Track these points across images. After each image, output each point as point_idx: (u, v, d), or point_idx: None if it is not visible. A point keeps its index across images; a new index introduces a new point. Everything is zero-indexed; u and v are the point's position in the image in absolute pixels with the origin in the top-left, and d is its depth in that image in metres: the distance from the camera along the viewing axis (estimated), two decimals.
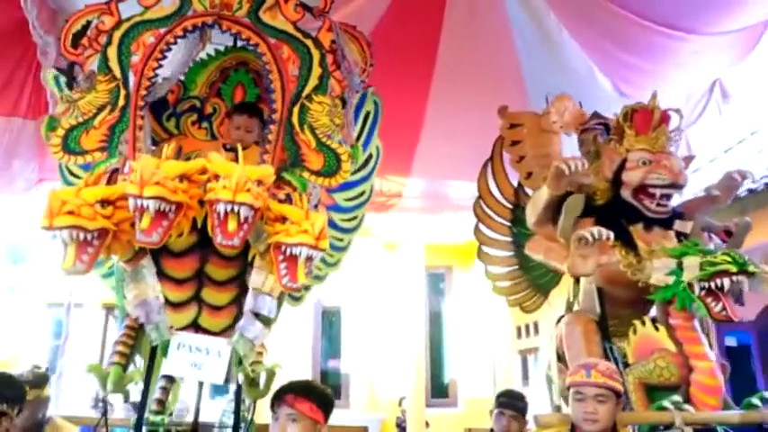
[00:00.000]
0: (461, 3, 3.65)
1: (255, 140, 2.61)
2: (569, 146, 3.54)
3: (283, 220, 2.09)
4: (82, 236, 1.83)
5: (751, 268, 2.37)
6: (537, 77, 4.07)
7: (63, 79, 2.37)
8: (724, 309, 2.38)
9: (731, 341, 7.10)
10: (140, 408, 2.20)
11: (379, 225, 6.66)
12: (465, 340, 8.25)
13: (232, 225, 1.93)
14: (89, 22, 2.42)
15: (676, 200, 3.32)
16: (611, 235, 2.54)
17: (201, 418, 2.64)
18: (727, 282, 2.34)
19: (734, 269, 2.34)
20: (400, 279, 7.54)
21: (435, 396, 7.93)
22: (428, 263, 7.67)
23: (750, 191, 5.58)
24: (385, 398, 7.73)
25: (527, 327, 7.72)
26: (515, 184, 3.50)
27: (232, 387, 2.38)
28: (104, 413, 2.11)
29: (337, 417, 2.11)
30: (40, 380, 2.07)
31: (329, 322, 8.09)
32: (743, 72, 4.74)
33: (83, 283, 4.86)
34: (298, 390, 1.96)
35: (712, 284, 2.37)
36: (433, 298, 8.32)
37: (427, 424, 6.92)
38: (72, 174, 2.48)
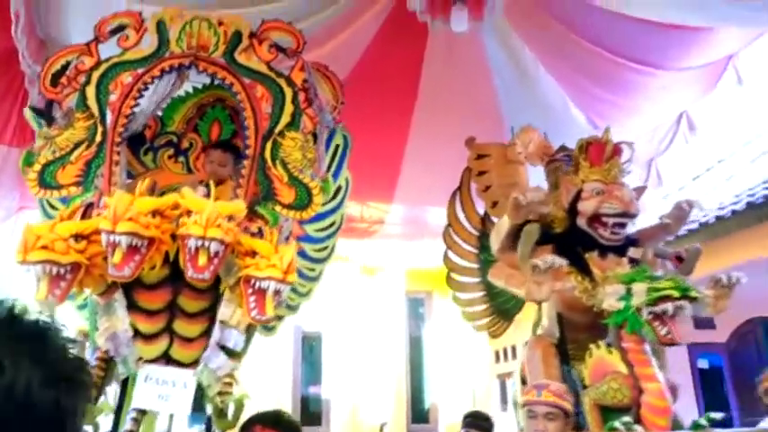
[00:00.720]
0: (441, 40, 3.77)
1: (229, 174, 2.70)
2: (537, 176, 3.67)
3: (253, 254, 2.17)
4: (55, 270, 1.89)
5: (693, 293, 2.48)
6: (514, 111, 4.21)
7: (40, 118, 2.44)
8: (669, 332, 2.46)
9: (703, 363, 7.23)
10: None
11: (361, 251, 6.75)
12: (445, 365, 8.28)
13: (203, 259, 2.01)
14: (68, 62, 2.51)
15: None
16: (564, 263, 2.66)
17: None
18: (670, 306, 2.44)
19: (676, 294, 2.44)
20: (381, 304, 7.59)
21: (416, 421, 7.92)
22: (408, 288, 7.75)
23: (717, 218, 5.77)
24: (366, 423, 7.70)
25: (505, 351, 7.79)
26: (482, 212, 3.61)
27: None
28: None
29: None
30: None
31: (310, 348, 8.07)
32: (708, 104, 4.95)
33: (59, 310, 4.85)
34: (265, 421, 2.01)
35: (658, 309, 2.46)
36: (413, 323, 8.36)
37: None
38: (51, 206, 2.54)
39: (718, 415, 2.54)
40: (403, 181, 5.31)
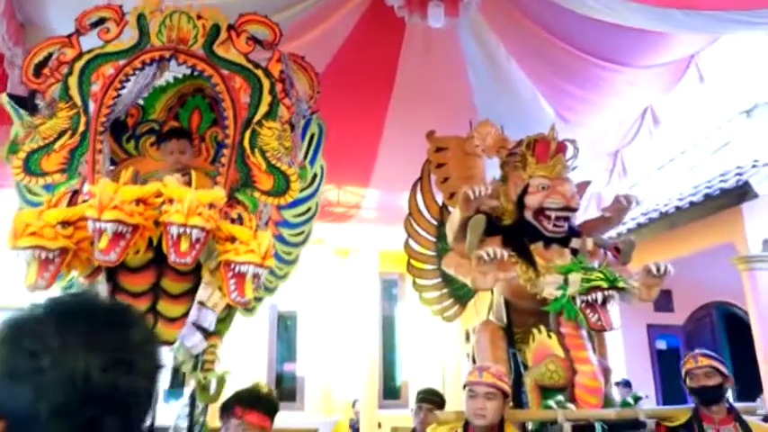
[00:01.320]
0: (418, 34, 3.87)
1: (190, 159, 2.79)
2: (496, 169, 3.83)
3: (233, 239, 2.30)
4: (44, 255, 2.01)
5: (620, 284, 2.71)
6: (487, 104, 4.35)
7: (17, 106, 2.52)
8: (599, 319, 2.69)
9: (661, 344, 7.61)
10: None
11: (336, 234, 6.90)
12: (416, 344, 8.54)
13: (184, 245, 2.14)
14: (51, 54, 2.58)
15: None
16: (506, 254, 2.84)
17: (157, 422, 2.82)
18: (600, 295, 2.66)
19: (605, 285, 2.67)
20: (355, 285, 7.78)
21: (388, 398, 8.19)
22: (382, 269, 7.95)
23: (677, 208, 6.07)
24: (339, 400, 7.95)
25: (474, 331, 8.08)
26: (441, 203, 3.78)
27: (186, 391, 2.56)
28: None
29: (292, 419, 2.31)
30: None
31: (285, 326, 8.25)
32: (672, 100, 5.18)
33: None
34: (245, 401, 2.16)
35: (589, 298, 2.68)
36: (386, 303, 8.59)
37: (380, 425, 7.17)
38: (30, 192, 2.62)
39: (642, 394, 2.79)
40: (379, 167, 5.45)
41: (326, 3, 3.62)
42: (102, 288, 2.28)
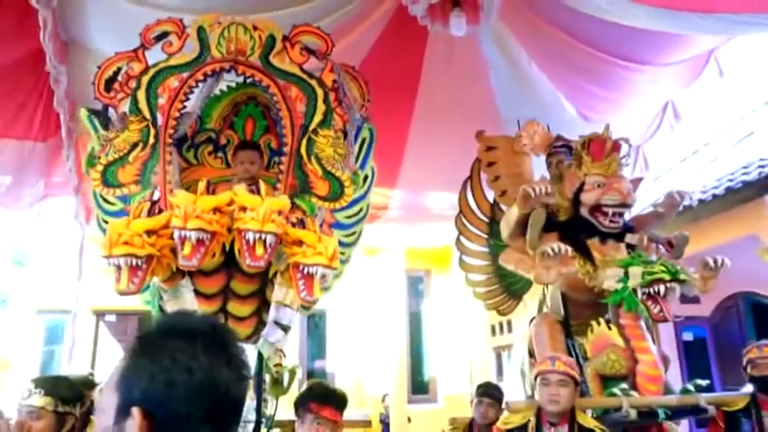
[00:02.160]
0: (440, 42, 3.96)
1: (258, 170, 2.93)
2: (539, 166, 3.95)
3: (300, 243, 2.44)
4: (134, 261, 2.16)
5: (682, 276, 2.80)
6: (510, 105, 4.44)
7: (96, 120, 2.66)
8: (661, 310, 2.80)
9: (688, 336, 7.67)
10: None
11: (365, 233, 7.03)
12: (443, 339, 8.66)
13: (260, 250, 2.28)
14: (119, 69, 2.72)
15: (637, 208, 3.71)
16: (569, 249, 2.95)
17: None
18: (662, 288, 2.76)
19: (667, 277, 2.77)
20: (382, 282, 7.91)
21: (416, 392, 8.32)
22: (408, 266, 8.06)
23: (700, 201, 6.13)
24: (369, 395, 8.09)
25: (501, 325, 8.18)
26: (491, 200, 3.89)
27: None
28: None
29: None
30: (92, 383, 2.35)
31: (315, 324, 8.41)
32: (692, 94, 5.24)
33: (76, 292, 5.10)
34: (320, 397, 2.30)
35: (651, 290, 2.78)
36: (412, 300, 8.71)
37: (409, 419, 7.30)
38: (106, 201, 2.77)
39: (703, 382, 2.90)
40: (405, 170, 5.56)
41: (353, 15, 3.72)
42: (187, 291, 2.42)
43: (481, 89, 4.49)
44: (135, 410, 0.80)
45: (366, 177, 3.22)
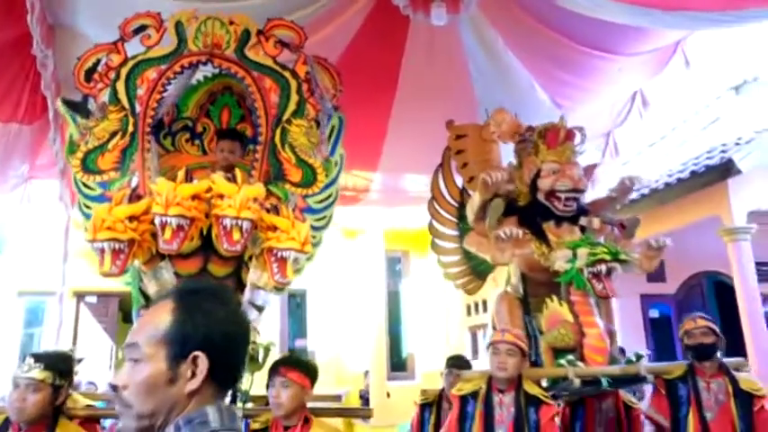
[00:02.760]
0: (421, 31, 4.07)
1: (238, 158, 3.06)
2: (510, 153, 4.11)
3: (274, 228, 2.60)
4: (116, 246, 2.31)
5: (622, 257, 3.04)
6: (487, 94, 4.58)
7: (72, 110, 2.78)
8: (604, 288, 3.03)
9: (654, 313, 8.02)
10: None
11: (344, 215, 7.20)
12: (421, 318, 8.92)
13: (236, 235, 2.44)
14: (99, 60, 2.82)
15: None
16: (521, 232, 3.16)
17: None
18: (604, 267, 2.99)
19: (608, 258, 2.99)
20: (361, 263, 8.11)
21: (395, 370, 8.60)
22: (387, 247, 8.27)
23: (666, 184, 6.39)
24: (349, 372, 8.34)
25: (476, 305, 8.46)
26: (461, 186, 4.07)
27: None
28: None
29: None
30: (71, 359, 2.50)
31: (296, 304, 8.60)
32: (660, 83, 5.45)
33: (62, 274, 5.21)
34: (288, 362, 2.48)
35: (595, 269, 3.01)
36: (391, 280, 8.93)
37: (388, 395, 7.57)
38: (87, 186, 2.89)
39: (644, 352, 3.14)
40: (386, 153, 5.71)
41: (336, 4, 3.82)
42: (167, 272, 2.57)
43: (460, 76, 4.63)
44: (200, 355, 0.97)
45: (336, 163, 3.37)
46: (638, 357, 3.09)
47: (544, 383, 3.01)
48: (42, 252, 6.46)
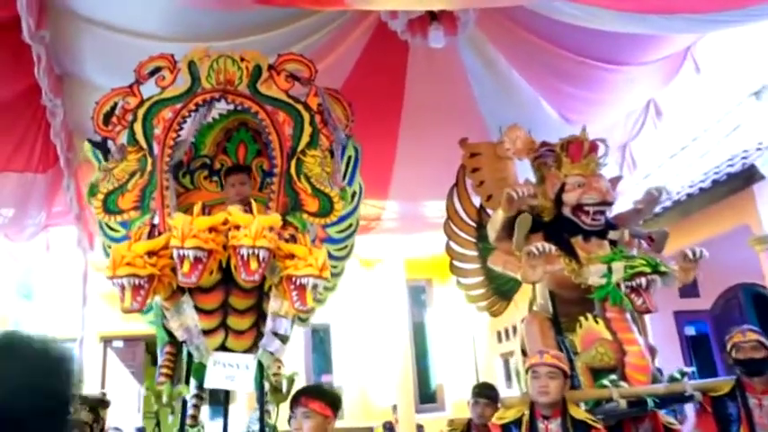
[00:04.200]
0: (421, 54, 4.12)
1: (254, 191, 3.10)
2: (524, 170, 4.09)
3: (292, 256, 2.59)
4: (136, 281, 2.32)
5: (662, 268, 2.94)
6: (493, 111, 4.59)
7: (99, 151, 2.85)
8: (644, 302, 2.92)
9: (690, 331, 7.74)
10: (181, 421, 2.68)
11: (361, 245, 7.18)
12: (448, 347, 8.76)
13: (254, 264, 2.44)
14: (116, 103, 2.91)
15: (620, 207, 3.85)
16: (553, 248, 3.08)
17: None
18: (643, 280, 2.88)
19: (648, 270, 2.90)
20: (383, 293, 8.04)
21: (424, 402, 8.41)
22: (408, 276, 8.21)
23: (688, 195, 6.26)
24: (377, 406, 8.19)
25: (506, 331, 8.27)
26: (478, 205, 4.02)
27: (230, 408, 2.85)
28: (158, 423, 2.58)
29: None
30: (104, 402, 2.51)
31: (319, 339, 8.53)
32: (672, 91, 5.39)
33: (82, 318, 5.26)
34: (310, 392, 2.43)
35: (633, 283, 2.90)
36: (415, 309, 8.83)
37: (420, 428, 7.37)
38: (111, 228, 2.95)
39: (688, 369, 3.01)
40: (395, 179, 5.71)
41: (335, 34, 3.88)
42: (188, 307, 2.57)
43: (464, 97, 4.65)
44: None
45: (354, 193, 3.39)
46: (683, 375, 2.96)
47: (583, 406, 2.88)
48: (67, 298, 6.55)
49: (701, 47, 4.85)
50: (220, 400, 2.93)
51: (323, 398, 2.41)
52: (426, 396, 8.56)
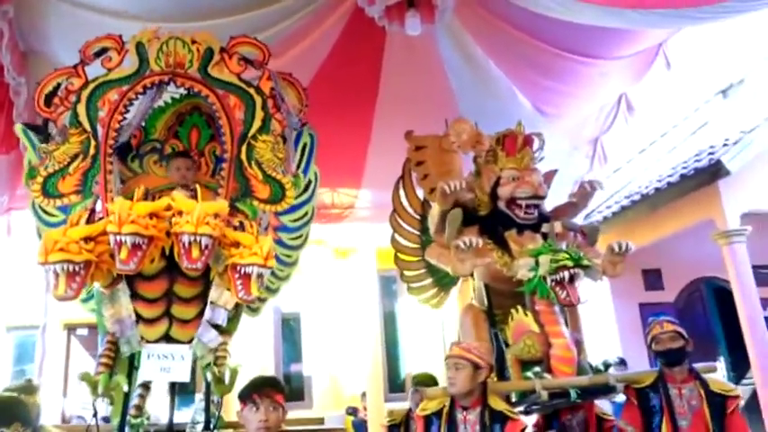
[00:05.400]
0: (398, 40, 4.09)
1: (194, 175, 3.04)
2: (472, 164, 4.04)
3: (237, 244, 2.54)
4: (71, 267, 2.24)
5: (584, 262, 2.96)
6: (467, 102, 4.58)
7: (32, 133, 2.75)
8: (568, 295, 2.93)
9: None
10: (123, 412, 2.62)
11: (335, 235, 7.14)
12: (418, 337, 8.77)
13: (195, 252, 2.38)
14: (59, 84, 2.81)
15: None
16: (481, 242, 3.08)
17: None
18: (566, 274, 2.90)
19: (570, 264, 2.91)
20: (354, 283, 8.01)
21: (394, 391, 8.42)
22: (380, 266, 8.17)
23: (656, 189, 6.32)
24: (347, 396, 8.19)
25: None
26: (422, 198, 4.00)
27: (196, 397, 2.79)
28: (95, 414, 2.51)
29: (301, 417, 2.45)
30: (32, 388, 2.43)
31: (289, 328, 8.49)
32: (644, 87, 5.42)
33: (45, 304, 5.14)
34: (274, 385, 2.36)
35: (557, 276, 2.92)
36: (386, 299, 8.82)
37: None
38: (46, 212, 2.85)
39: (612, 360, 3.05)
40: (369, 168, 5.68)
41: (311, 18, 3.83)
42: (123, 296, 2.50)
43: (440, 86, 4.63)
44: None
45: (309, 182, 3.33)
46: (607, 366, 3.00)
47: (514, 398, 2.90)
48: (28, 285, 6.41)
49: (672, 44, 4.89)
50: (188, 389, 2.87)
51: (283, 390, 2.38)
52: (396, 385, 8.57)
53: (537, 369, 2.89)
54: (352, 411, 7.36)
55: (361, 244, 7.96)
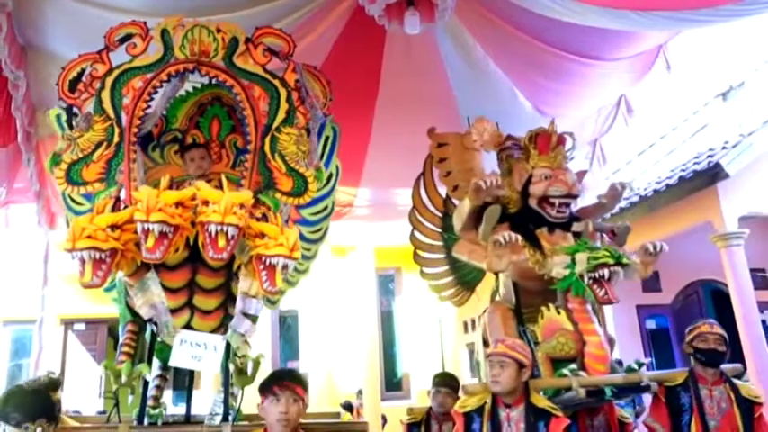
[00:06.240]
0: (398, 40, 4.06)
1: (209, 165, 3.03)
2: (490, 162, 4.07)
3: (262, 235, 2.51)
4: (97, 255, 2.21)
5: (624, 260, 2.96)
6: (467, 101, 4.57)
7: (64, 118, 2.71)
8: (606, 293, 2.94)
9: (651, 324, 7.93)
10: (142, 401, 2.58)
11: (333, 232, 7.11)
12: (416, 336, 8.79)
13: (222, 242, 2.35)
14: (83, 70, 2.77)
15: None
16: (520, 238, 3.08)
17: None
18: (606, 272, 2.90)
19: (611, 261, 2.91)
20: (352, 281, 8.00)
21: (390, 389, 8.44)
22: (378, 265, 8.18)
23: (655, 191, 6.39)
24: (343, 394, 8.17)
25: (473, 321, 8.34)
26: (444, 195, 4.00)
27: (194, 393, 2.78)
28: (117, 403, 2.48)
29: None
30: (56, 383, 2.39)
31: (287, 326, 8.46)
32: (644, 88, 5.47)
33: (42, 299, 5.08)
34: (296, 378, 2.35)
35: (596, 274, 2.92)
36: (383, 298, 8.83)
37: (384, 417, 7.38)
38: (74, 201, 2.82)
39: (645, 360, 3.07)
40: (368, 166, 5.66)
41: (312, 15, 3.78)
42: (153, 284, 2.47)
43: (440, 86, 4.61)
44: None
45: (330, 175, 3.32)
46: (640, 365, 3.01)
47: (546, 395, 2.90)
48: (26, 278, 6.31)
49: (673, 46, 4.93)
50: (185, 384, 2.84)
51: (305, 383, 2.37)
52: (392, 384, 8.60)
53: (573, 366, 2.88)
54: (347, 406, 7.35)
55: (360, 242, 7.96)
